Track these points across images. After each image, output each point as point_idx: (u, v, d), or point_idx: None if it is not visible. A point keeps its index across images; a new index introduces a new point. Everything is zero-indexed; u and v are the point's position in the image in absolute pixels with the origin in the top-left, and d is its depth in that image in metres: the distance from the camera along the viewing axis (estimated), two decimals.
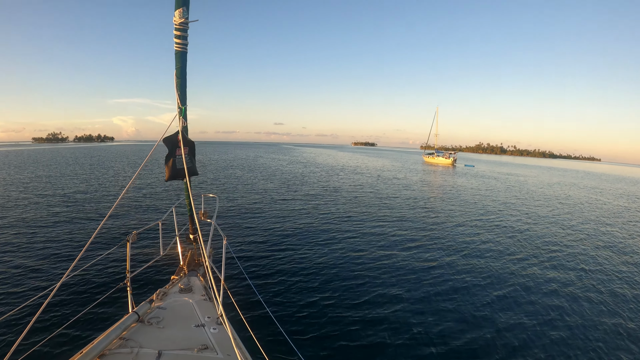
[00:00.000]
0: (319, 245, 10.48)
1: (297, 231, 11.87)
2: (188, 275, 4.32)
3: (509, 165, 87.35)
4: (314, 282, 7.79)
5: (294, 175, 31.03)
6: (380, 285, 7.83)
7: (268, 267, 8.47)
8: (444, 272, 8.77)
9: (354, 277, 8.18)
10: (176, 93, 4.06)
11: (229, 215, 13.92)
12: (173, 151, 4.06)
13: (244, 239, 10.79)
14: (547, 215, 17.58)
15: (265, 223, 12.81)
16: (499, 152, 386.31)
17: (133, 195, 17.79)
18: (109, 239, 10.36)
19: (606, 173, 79.85)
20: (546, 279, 8.72)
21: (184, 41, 3.97)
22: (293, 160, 56.13)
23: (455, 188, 27.32)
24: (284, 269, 8.43)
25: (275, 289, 7.29)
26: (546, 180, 42.79)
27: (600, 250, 11.72)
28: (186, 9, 3.83)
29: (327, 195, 20.19)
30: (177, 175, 4.13)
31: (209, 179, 26.28)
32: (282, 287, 7.43)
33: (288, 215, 14.19)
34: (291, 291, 7.26)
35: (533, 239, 12.61)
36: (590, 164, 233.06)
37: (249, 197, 18.64)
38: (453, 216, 15.88)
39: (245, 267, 8.24)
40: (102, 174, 28.24)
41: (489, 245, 11.36)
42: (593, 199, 25.97)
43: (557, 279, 8.75)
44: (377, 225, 13.33)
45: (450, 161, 67.17)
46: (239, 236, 11.04)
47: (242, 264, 8.36)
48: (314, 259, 9.21)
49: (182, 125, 4.17)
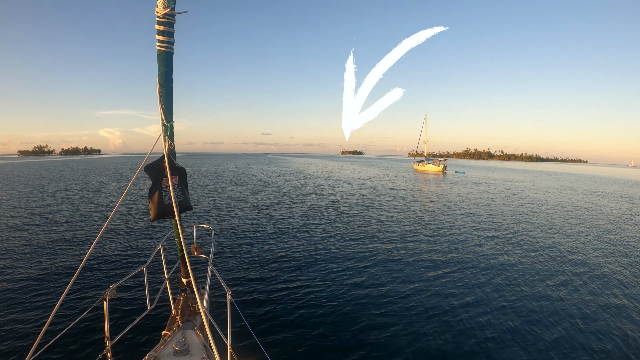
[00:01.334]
0: (344, 285, 8.31)
1: (308, 265, 9.68)
2: (182, 329, 3.60)
3: (499, 170, 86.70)
4: (341, 336, 6.15)
5: (288, 189, 28.52)
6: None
7: (275, 317, 6.76)
8: (470, 303, 7.60)
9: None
10: (160, 106, 3.31)
11: (226, 247, 11.36)
12: (158, 182, 3.32)
13: (246, 282, 8.42)
14: (563, 225, 16.12)
15: (271, 255, 10.47)
16: (487, 157, 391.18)
17: (110, 235, 13.17)
18: (79, 297, 7.72)
19: (598, 175, 79.87)
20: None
21: (169, 38, 3.25)
22: (284, 172, 53.30)
23: (453, 197, 25.61)
24: (295, 319, 6.71)
25: (287, 347, 5.85)
26: (542, 185, 41.06)
27: None
28: None
29: (329, 213, 17.84)
30: (166, 212, 3.39)
31: (199, 196, 23.45)
32: (297, 346, 5.88)
33: (295, 246, 11.48)
34: (313, 350, 5.79)
35: (562, 255, 11.31)
36: (578, 166, 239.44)
37: (246, 220, 15.66)
38: (459, 229, 14.73)
39: (249, 318, 6.62)
40: (76, 205, 22.65)
41: (504, 260, 10.43)
42: (598, 204, 24.57)
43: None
44: (391, 248, 11.59)
45: (440, 168, 65.61)
46: (240, 278, 8.71)
47: (245, 314, 6.74)
48: (336, 305, 7.31)
49: (169, 147, 3.40)
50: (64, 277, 8.85)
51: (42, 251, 10.82)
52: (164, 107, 3.38)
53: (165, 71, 3.34)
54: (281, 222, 15.02)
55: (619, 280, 9.00)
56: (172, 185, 3.39)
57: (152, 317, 6.31)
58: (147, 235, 12.94)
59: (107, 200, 22.40)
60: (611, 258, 10.99)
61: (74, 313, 6.91)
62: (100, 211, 18.65)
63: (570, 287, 8.45)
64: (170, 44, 3.31)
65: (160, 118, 3.38)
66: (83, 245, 11.67)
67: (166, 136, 3.43)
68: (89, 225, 14.72)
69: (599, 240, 13.42)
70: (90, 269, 9.34)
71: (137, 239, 12.43)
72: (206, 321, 2.97)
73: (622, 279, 9.11)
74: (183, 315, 3.87)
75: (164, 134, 3.42)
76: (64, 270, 9.27)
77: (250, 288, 8.04)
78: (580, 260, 10.68)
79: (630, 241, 13.33)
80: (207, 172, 51.01)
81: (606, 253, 11.56)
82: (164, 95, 3.37)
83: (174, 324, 3.76)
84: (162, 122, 3.39)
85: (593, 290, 8.30)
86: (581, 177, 67.71)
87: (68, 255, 10.56)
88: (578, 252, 11.61)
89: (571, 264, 10.36)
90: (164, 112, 3.39)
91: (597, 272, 9.58)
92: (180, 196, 3.55)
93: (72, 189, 27.27)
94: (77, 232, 13.29)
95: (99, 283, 8.39)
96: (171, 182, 3.37)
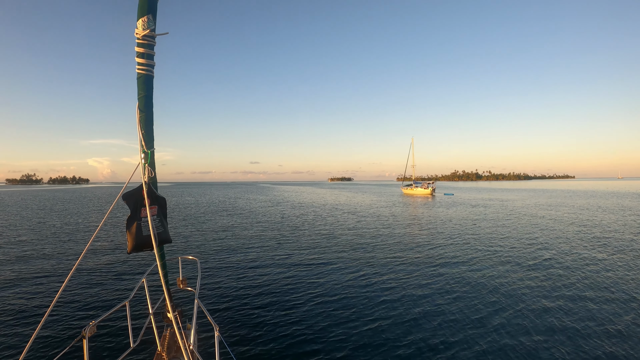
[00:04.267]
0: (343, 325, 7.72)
1: (300, 299, 9.20)
2: None
3: (487, 190, 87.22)
4: None
5: (278, 219, 27.70)
6: None
7: (265, 355, 6.36)
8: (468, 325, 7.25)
9: None
10: (139, 132, 3.18)
11: (213, 279, 10.93)
12: (137, 212, 3.15)
13: (235, 317, 8.03)
14: (569, 246, 15.02)
15: (260, 289, 10.05)
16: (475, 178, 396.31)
17: (90, 267, 12.62)
18: (56, 336, 7.06)
19: (591, 189, 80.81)
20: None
21: (149, 61, 3.16)
22: (274, 201, 52.56)
23: (441, 219, 25.46)
24: (286, 357, 6.30)
25: None
26: (534, 202, 40.37)
27: None
28: (152, 18, 3.06)
29: (319, 242, 17.44)
30: (144, 244, 3.18)
31: (185, 227, 22.76)
32: None
33: (287, 279, 11.06)
34: None
35: (559, 280, 10.46)
36: (567, 182, 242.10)
37: (235, 252, 15.13)
38: (446, 249, 14.66)
39: (238, 355, 6.29)
40: (55, 235, 20.87)
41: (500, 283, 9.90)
42: (605, 218, 23.77)
43: None
44: (384, 276, 11.20)
45: (429, 191, 66.47)
46: (228, 311, 8.32)
47: (234, 351, 6.41)
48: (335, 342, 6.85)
49: (149, 175, 3.26)
50: (38, 313, 8.29)
51: (14, 286, 10.19)
52: (144, 133, 3.24)
53: (146, 95, 3.22)
54: (271, 253, 14.69)
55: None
56: (151, 215, 3.20)
57: (137, 354, 6.05)
58: (130, 268, 12.43)
59: (86, 230, 21.83)
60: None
61: (51, 353, 6.37)
62: (78, 241, 18.14)
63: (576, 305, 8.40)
64: (150, 67, 3.22)
65: (140, 144, 3.23)
66: (59, 278, 11.20)
67: (146, 164, 3.28)
68: (66, 256, 14.25)
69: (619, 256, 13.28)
70: (67, 305, 8.75)
71: (119, 272, 11.92)
72: (193, 358, 2.88)
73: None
74: (169, 352, 3.70)
75: (144, 161, 3.27)
76: (37, 306, 8.72)
77: (239, 323, 7.63)
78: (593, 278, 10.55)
79: None
80: (195, 202, 50.30)
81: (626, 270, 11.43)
82: (144, 120, 3.23)
83: None
84: (142, 148, 3.25)
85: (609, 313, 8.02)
86: (574, 192, 68.33)
87: (42, 289, 10.04)
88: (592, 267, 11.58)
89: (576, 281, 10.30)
90: (144, 139, 3.24)
91: (613, 293, 9.32)
92: (159, 227, 3.34)
93: (51, 219, 25.82)
94: (53, 263, 12.64)
95: (78, 320, 7.81)
96: (150, 213, 3.14)
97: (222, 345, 6.06)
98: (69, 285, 10.40)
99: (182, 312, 4.01)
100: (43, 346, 6.62)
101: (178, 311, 3.15)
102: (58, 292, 3.05)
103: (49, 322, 7.73)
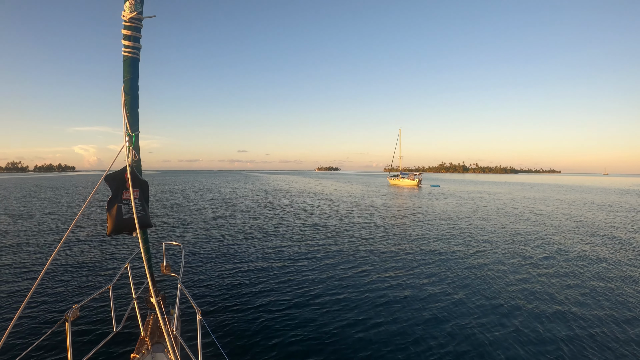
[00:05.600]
0: (319, 306, 8.02)
1: (280, 284, 9.43)
2: (152, 352, 3.44)
3: (474, 183, 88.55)
4: (314, 355, 5.95)
5: (263, 207, 27.78)
6: None
7: (246, 336, 6.51)
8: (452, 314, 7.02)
9: None
10: (124, 115, 3.17)
11: (197, 265, 11.00)
12: (118, 194, 3.14)
13: (217, 301, 8.16)
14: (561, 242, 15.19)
15: (242, 274, 10.23)
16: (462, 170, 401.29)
17: (73, 251, 12.56)
18: (39, 319, 7.09)
19: (579, 184, 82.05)
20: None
21: (135, 43, 3.17)
22: (261, 190, 52.25)
23: (425, 210, 25.67)
24: (266, 337, 6.50)
25: None
26: (519, 196, 41.44)
27: None
28: (139, 1, 3.07)
29: (302, 229, 17.60)
30: (123, 227, 3.18)
31: (171, 214, 21.63)
32: None
33: (268, 265, 11.21)
34: None
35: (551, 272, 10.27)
36: (553, 176, 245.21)
37: (218, 238, 15.17)
38: (429, 240, 14.63)
39: (220, 337, 6.39)
40: (37, 219, 20.74)
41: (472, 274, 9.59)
42: (597, 214, 24.22)
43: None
44: (364, 262, 11.45)
45: (415, 182, 67.05)
46: (211, 296, 8.44)
47: (216, 333, 6.51)
48: (312, 324, 7.10)
49: (133, 159, 3.26)
50: (20, 296, 8.32)
51: None
52: (129, 115, 3.24)
53: (131, 78, 3.22)
54: (254, 240, 14.82)
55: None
56: (134, 199, 3.19)
57: (120, 339, 6.04)
58: (114, 252, 12.40)
59: (69, 217, 21.40)
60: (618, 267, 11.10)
61: (33, 336, 6.40)
62: (60, 225, 18.04)
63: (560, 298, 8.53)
64: (136, 49, 3.22)
65: (125, 127, 3.23)
66: (42, 262, 11.18)
67: (130, 146, 3.28)
68: (49, 243, 13.96)
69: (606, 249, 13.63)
70: (50, 288, 8.80)
71: (102, 257, 11.90)
72: (176, 343, 2.90)
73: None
74: (152, 337, 3.67)
75: (128, 144, 3.28)
76: (19, 290, 8.74)
77: (222, 307, 7.76)
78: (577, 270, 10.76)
79: None
80: (181, 190, 49.62)
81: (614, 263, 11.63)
82: (129, 103, 3.23)
83: (143, 346, 3.57)
84: (127, 131, 3.25)
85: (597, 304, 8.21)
86: (562, 187, 69.55)
87: (25, 273, 10.00)
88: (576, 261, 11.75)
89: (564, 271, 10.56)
90: (129, 121, 3.24)
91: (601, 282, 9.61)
92: (140, 211, 3.33)
93: (33, 206, 25.21)
94: (35, 248, 12.27)
95: (61, 303, 7.85)
96: (133, 196, 3.16)
97: (205, 328, 6.11)
98: (52, 269, 10.40)
99: (165, 297, 3.97)
100: (26, 329, 6.64)
101: (161, 296, 3.15)
102: (39, 276, 3.07)
103: (32, 305, 7.72)
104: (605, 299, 8.38)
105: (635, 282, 9.58)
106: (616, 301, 8.27)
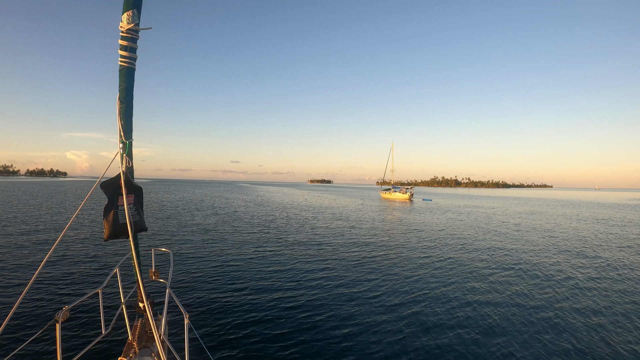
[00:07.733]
0: (304, 313, 8.16)
1: (267, 290, 9.68)
2: (140, 356, 3.48)
3: (466, 197, 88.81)
4: None
5: (253, 217, 27.82)
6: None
7: (233, 341, 6.67)
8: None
9: None
10: (119, 122, 3.32)
11: (185, 271, 11.21)
12: (114, 200, 3.27)
13: (205, 306, 8.34)
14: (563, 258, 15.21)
15: (230, 280, 10.49)
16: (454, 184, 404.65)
17: (65, 254, 12.87)
18: (29, 319, 7.28)
19: (573, 199, 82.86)
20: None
21: (131, 54, 3.30)
22: (253, 201, 52.13)
23: (415, 224, 25.86)
24: (253, 342, 6.65)
25: None
26: (516, 210, 41.35)
27: None
28: (137, 13, 3.21)
29: (291, 239, 17.70)
30: (120, 232, 3.31)
31: (161, 222, 21.74)
32: None
33: (256, 272, 11.44)
34: None
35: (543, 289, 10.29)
36: (545, 191, 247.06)
37: (208, 246, 15.35)
38: (419, 256, 14.42)
39: (207, 342, 6.51)
40: (31, 223, 21.48)
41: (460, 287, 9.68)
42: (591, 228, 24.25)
43: None
44: (351, 272, 11.60)
45: (407, 196, 67.36)
46: (198, 302, 8.62)
47: (204, 338, 6.62)
48: (296, 331, 7.23)
49: (126, 165, 3.38)
50: (13, 297, 8.52)
51: None
52: (124, 123, 3.36)
53: (127, 87, 3.35)
54: (242, 248, 14.97)
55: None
56: (128, 204, 3.31)
57: (108, 342, 6.20)
58: (104, 257, 12.69)
59: (63, 221, 21.57)
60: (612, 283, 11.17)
61: (24, 336, 6.55)
62: (54, 229, 18.14)
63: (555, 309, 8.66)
64: (132, 59, 3.34)
65: (119, 135, 3.35)
66: (35, 264, 11.48)
67: (124, 153, 3.40)
68: (42, 245, 14.28)
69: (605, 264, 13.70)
70: (42, 290, 9.03)
71: (93, 260, 12.18)
72: (164, 348, 2.90)
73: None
74: (140, 341, 3.70)
75: (122, 151, 3.39)
76: (12, 291, 8.96)
77: (209, 312, 7.94)
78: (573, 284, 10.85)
79: None
80: (173, 199, 49.14)
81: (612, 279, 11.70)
82: (124, 111, 3.36)
83: (131, 350, 3.61)
84: (121, 139, 3.37)
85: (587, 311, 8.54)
86: (558, 201, 70.29)
87: (17, 273, 10.34)
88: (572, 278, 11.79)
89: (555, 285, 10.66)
90: (123, 129, 3.35)
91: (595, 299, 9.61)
92: (135, 216, 3.47)
93: (27, 210, 25.45)
94: (29, 250, 12.46)
95: (52, 305, 8.04)
96: (127, 201, 3.27)
97: (192, 332, 6.21)
98: (45, 271, 10.62)
99: (154, 302, 3.99)
100: (17, 328, 6.81)
101: (150, 301, 3.20)
102: (33, 277, 3.10)
103: (23, 305, 7.87)
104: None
105: None
106: None
